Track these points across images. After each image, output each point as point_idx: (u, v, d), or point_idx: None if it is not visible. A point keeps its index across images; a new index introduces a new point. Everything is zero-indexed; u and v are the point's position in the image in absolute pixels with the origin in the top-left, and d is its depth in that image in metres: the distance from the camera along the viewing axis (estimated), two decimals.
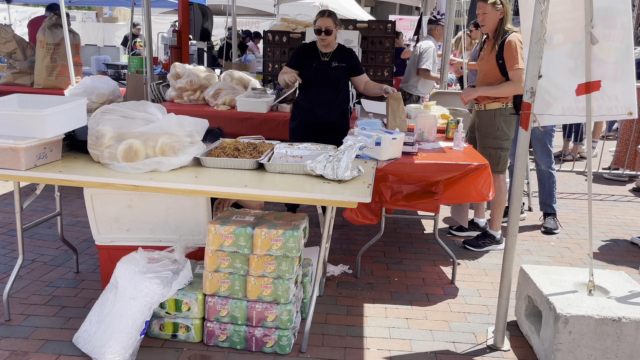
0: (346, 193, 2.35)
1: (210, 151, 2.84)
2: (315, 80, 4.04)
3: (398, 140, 3.08)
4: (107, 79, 5.71)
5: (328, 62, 4.04)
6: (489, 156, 3.78)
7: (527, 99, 2.40)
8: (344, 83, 4.14)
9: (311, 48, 4.09)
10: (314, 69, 4.02)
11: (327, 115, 4.10)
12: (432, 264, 3.76)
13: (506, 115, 3.69)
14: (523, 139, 2.46)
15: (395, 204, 3.34)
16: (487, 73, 3.74)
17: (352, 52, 4.15)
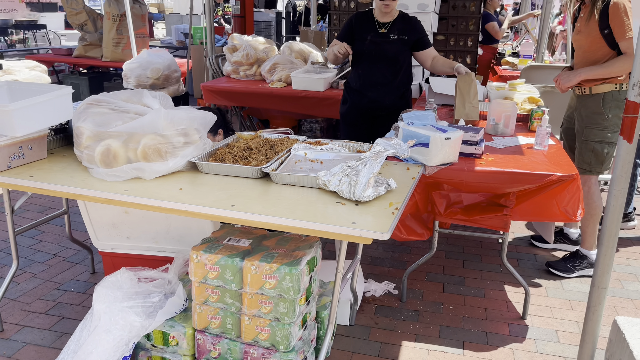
0: (360, 222, 1.75)
1: (215, 151, 2.35)
2: (369, 55, 3.39)
3: (454, 140, 2.38)
4: (164, 52, 5.43)
5: (386, 35, 3.36)
6: (592, 152, 2.93)
7: (634, 97, 1.61)
8: (404, 60, 3.43)
9: (366, 17, 3.42)
10: (368, 42, 3.36)
11: (383, 98, 3.44)
12: (501, 288, 3.04)
13: (620, 100, 2.80)
14: (624, 155, 1.68)
15: (451, 217, 2.65)
16: (588, 49, 2.85)
17: (416, 21, 3.42)
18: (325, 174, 2.00)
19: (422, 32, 3.42)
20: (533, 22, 7.86)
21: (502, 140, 2.87)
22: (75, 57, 6.75)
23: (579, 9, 2.98)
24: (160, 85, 5.22)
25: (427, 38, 3.44)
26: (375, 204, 1.92)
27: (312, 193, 2.01)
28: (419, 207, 2.69)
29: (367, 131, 3.60)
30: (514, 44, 8.04)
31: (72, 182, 2.06)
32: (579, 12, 2.98)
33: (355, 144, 2.53)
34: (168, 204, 1.89)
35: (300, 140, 2.59)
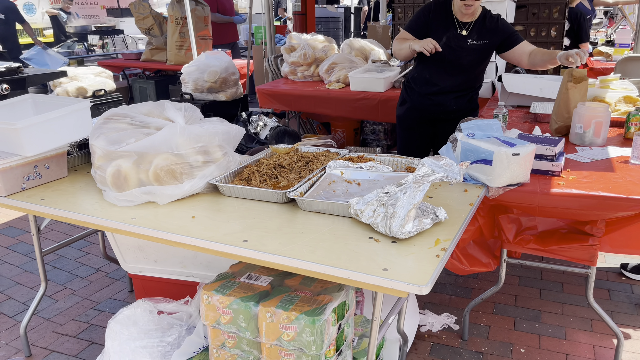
0: (394, 268, 1.40)
1: (243, 169, 2.09)
2: (442, 60, 2.91)
3: (523, 157, 1.94)
4: (222, 54, 5.27)
5: (464, 38, 2.87)
6: None
7: None
8: (481, 67, 2.99)
9: (445, 11, 2.91)
10: (443, 45, 2.85)
11: (449, 103, 3.02)
12: (587, 327, 2.53)
13: None
14: None
15: (522, 246, 2.21)
16: None
17: (500, 20, 2.92)
18: (358, 202, 1.66)
19: (507, 30, 2.89)
20: (631, 7, 6.94)
21: (589, 151, 2.37)
22: (142, 61, 6.82)
23: None
24: (218, 89, 5.07)
25: (515, 35, 2.89)
26: (418, 242, 1.55)
27: (343, 224, 1.68)
28: (484, 232, 2.27)
29: (427, 136, 3.19)
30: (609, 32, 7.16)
31: (80, 207, 1.87)
32: None
33: (405, 159, 2.17)
34: (174, 237, 1.64)
35: (340, 154, 2.26)
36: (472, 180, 2.04)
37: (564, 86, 2.51)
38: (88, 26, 10.23)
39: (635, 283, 2.89)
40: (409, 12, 4.86)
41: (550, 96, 3.13)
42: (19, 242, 3.57)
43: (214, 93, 5.07)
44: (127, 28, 10.63)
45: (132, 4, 6.63)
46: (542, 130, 2.64)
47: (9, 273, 3.17)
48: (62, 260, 3.31)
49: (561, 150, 2.17)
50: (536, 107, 3.04)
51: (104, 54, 9.06)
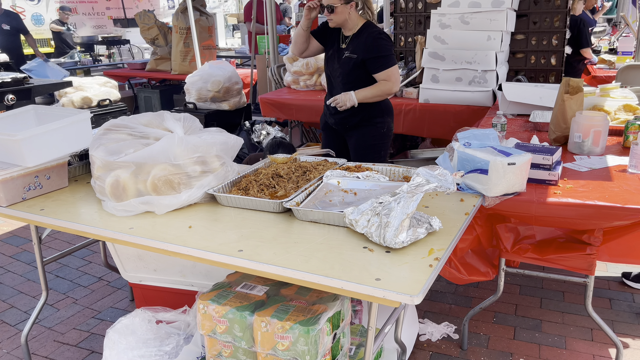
0: (387, 278, 1.41)
1: (241, 179, 2.10)
2: (329, 70, 3.10)
3: (519, 166, 1.95)
4: (226, 64, 5.32)
5: (343, 50, 2.97)
6: None
7: None
8: (360, 79, 2.96)
9: (325, 25, 3.05)
10: (329, 56, 3.06)
11: (340, 118, 3.08)
12: (587, 337, 2.52)
13: None
14: None
15: (520, 255, 2.21)
16: None
17: (378, 40, 2.87)
18: (353, 212, 1.67)
19: (374, 52, 2.86)
20: (634, 14, 6.94)
21: (587, 160, 2.37)
22: (147, 71, 6.89)
23: None
24: (221, 98, 5.11)
25: (380, 60, 2.86)
26: (411, 252, 1.56)
27: (338, 234, 1.69)
28: (482, 241, 2.27)
29: (339, 143, 3.22)
30: (612, 39, 7.16)
31: (79, 217, 1.89)
32: None
33: (402, 168, 2.18)
34: (171, 247, 1.65)
35: (338, 164, 2.28)
36: (468, 190, 2.04)
37: (561, 97, 2.52)
38: (95, 36, 10.35)
39: (636, 292, 2.88)
40: (410, 21, 4.89)
41: (550, 105, 3.13)
42: (23, 251, 3.60)
43: (218, 102, 5.12)
44: (133, 38, 10.74)
45: (138, 15, 6.72)
46: (541, 139, 2.65)
47: (12, 282, 3.19)
48: (65, 269, 3.34)
49: (558, 160, 2.18)
50: (536, 116, 3.05)
51: (110, 64, 9.15)
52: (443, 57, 3.93)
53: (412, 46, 4.91)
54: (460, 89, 3.89)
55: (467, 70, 3.87)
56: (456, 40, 3.93)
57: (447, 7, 4.05)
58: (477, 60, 3.82)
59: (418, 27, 4.86)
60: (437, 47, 3.99)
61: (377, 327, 1.87)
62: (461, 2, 4.00)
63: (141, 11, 6.75)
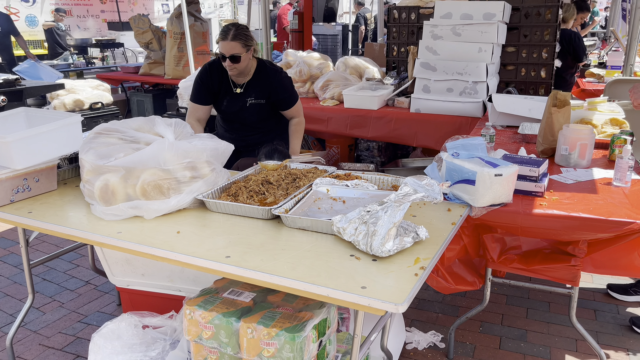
0: (372, 286, 1.42)
1: (231, 185, 2.11)
2: (230, 121, 3.03)
3: (506, 177, 1.97)
4: None
5: (242, 97, 2.93)
6: None
7: None
8: (272, 120, 3.05)
9: (219, 71, 2.92)
10: (225, 107, 2.97)
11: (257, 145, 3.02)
12: (572, 347, 2.55)
13: None
14: None
15: (506, 265, 2.23)
16: None
17: (278, 77, 2.95)
18: (341, 220, 1.69)
19: (283, 92, 2.96)
20: (624, 29, 7.04)
21: (573, 173, 2.40)
22: (141, 75, 6.89)
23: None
24: None
25: (288, 99, 2.99)
26: (398, 260, 1.57)
27: (326, 241, 1.71)
28: (469, 251, 2.29)
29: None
30: (602, 53, 7.25)
31: (67, 220, 1.89)
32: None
33: (391, 177, 2.20)
34: (158, 252, 1.66)
35: (328, 171, 2.30)
36: (456, 200, 2.06)
37: (549, 110, 2.56)
38: (88, 39, 10.31)
39: (621, 304, 2.91)
40: (403, 31, 4.93)
41: (539, 117, 3.17)
42: (10, 254, 3.58)
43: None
44: (127, 41, 10.72)
45: (132, 19, 6.72)
46: (529, 151, 2.68)
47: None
48: (52, 273, 3.32)
49: (544, 172, 2.21)
50: (525, 128, 3.08)
51: (104, 67, 9.13)
52: (435, 68, 3.97)
53: (404, 56, 4.95)
54: (451, 99, 3.93)
55: (458, 81, 3.91)
56: (448, 51, 3.98)
57: (440, 18, 4.10)
58: (468, 71, 3.86)
59: (411, 37, 4.91)
60: (429, 58, 4.03)
61: (364, 335, 1.89)
62: (453, 14, 4.05)
63: (136, 15, 6.75)
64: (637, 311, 2.83)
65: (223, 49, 2.78)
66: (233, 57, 2.76)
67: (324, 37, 9.25)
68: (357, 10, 11.68)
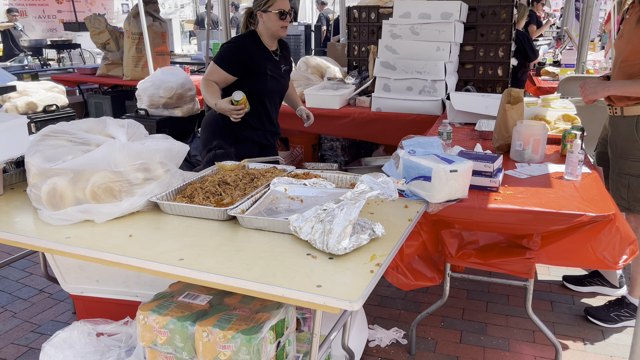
0: (328, 284, 1.41)
1: (187, 186, 2.07)
2: (271, 92, 2.95)
3: (461, 173, 2.00)
4: (179, 70, 5.25)
5: (279, 65, 2.95)
6: (627, 188, 2.48)
7: None
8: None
9: (258, 42, 2.83)
10: (269, 77, 2.87)
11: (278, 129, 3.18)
12: (530, 339, 2.60)
13: None
14: None
15: (464, 260, 2.26)
16: (627, 58, 2.40)
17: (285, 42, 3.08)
18: (297, 219, 1.67)
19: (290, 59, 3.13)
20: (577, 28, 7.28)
21: (527, 168, 2.46)
22: (98, 76, 6.71)
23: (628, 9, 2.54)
24: (174, 105, 5.03)
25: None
26: (354, 258, 1.57)
27: (283, 241, 1.69)
28: (428, 247, 2.31)
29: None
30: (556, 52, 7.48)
31: (12, 226, 1.81)
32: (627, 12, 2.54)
33: (349, 175, 2.20)
34: (108, 256, 1.60)
35: (287, 171, 2.28)
36: (413, 196, 2.08)
37: (503, 107, 2.61)
38: (43, 40, 9.98)
39: (576, 295, 2.99)
40: (363, 31, 4.96)
41: (495, 114, 3.22)
42: None
43: (170, 109, 5.03)
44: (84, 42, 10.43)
45: (88, 19, 6.53)
46: (485, 148, 2.73)
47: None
48: (4, 282, 3.19)
49: (499, 167, 2.25)
50: (482, 125, 3.13)
51: (60, 69, 8.85)
52: (394, 67, 4.00)
53: (365, 55, 4.98)
54: (411, 98, 3.97)
55: (418, 79, 3.96)
56: (407, 50, 4.02)
57: (399, 17, 4.14)
58: (427, 70, 3.91)
59: (371, 37, 4.93)
60: (388, 57, 4.06)
61: (324, 334, 1.88)
62: (412, 13, 4.10)
63: (91, 15, 6.56)
64: (591, 301, 2.91)
65: (283, 5, 2.71)
66: (290, 13, 2.74)
67: (287, 37, 9.25)
68: (320, 10, 11.70)
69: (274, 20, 2.75)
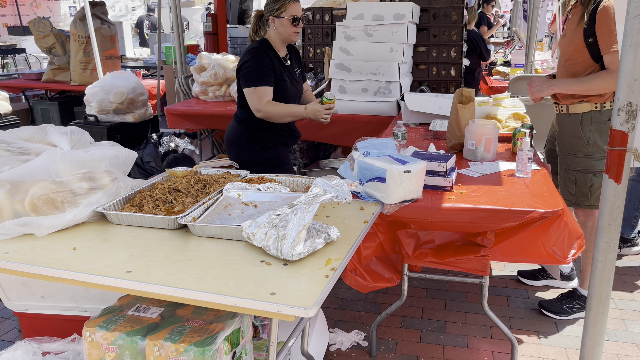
0: (282, 292, 1.38)
1: (135, 194, 1.99)
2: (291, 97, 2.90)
3: (415, 173, 2.00)
4: (129, 74, 5.09)
5: (291, 70, 2.92)
6: (574, 184, 2.55)
7: (619, 125, 1.23)
8: None
9: (272, 50, 2.79)
10: (289, 84, 2.86)
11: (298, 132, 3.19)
12: (487, 334, 2.64)
13: (602, 122, 2.41)
14: (611, 199, 1.30)
15: (421, 260, 2.27)
16: (570, 57, 2.47)
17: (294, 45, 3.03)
18: (250, 225, 1.63)
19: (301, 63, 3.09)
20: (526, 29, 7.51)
21: (480, 166, 2.49)
22: (44, 82, 6.44)
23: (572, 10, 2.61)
24: (125, 110, 4.88)
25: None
26: (309, 263, 1.54)
27: (237, 248, 1.64)
28: (385, 248, 2.31)
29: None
30: (507, 52, 7.69)
31: None
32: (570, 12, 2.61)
33: (305, 179, 2.17)
34: (50, 272, 1.52)
35: (241, 176, 2.23)
36: (368, 198, 2.07)
37: (455, 107, 2.64)
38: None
39: (530, 289, 3.06)
40: (318, 33, 4.95)
41: (448, 114, 3.28)
42: None
43: (121, 114, 4.88)
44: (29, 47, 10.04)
45: (32, 22, 6.26)
46: (439, 147, 2.76)
47: None
48: None
49: (452, 166, 2.27)
50: (435, 125, 3.17)
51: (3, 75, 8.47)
52: (349, 69, 4.01)
53: (320, 57, 4.97)
54: (366, 99, 3.98)
55: (372, 81, 3.97)
56: (361, 51, 4.03)
57: (352, 19, 4.15)
58: (382, 71, 3.93)
59: (326, 38, 4.93)
60: (343, 59, 4.06)
61: (282, 340, 1.85)
62: (365, 15, 4.11)
63: (35, 18, 6.30)
64: (545, 295, 2.99)
65: (297, 9, 2.69)
66: (302, 19, 2.73)
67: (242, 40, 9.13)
68: None
69: (286, 25, 2.70)
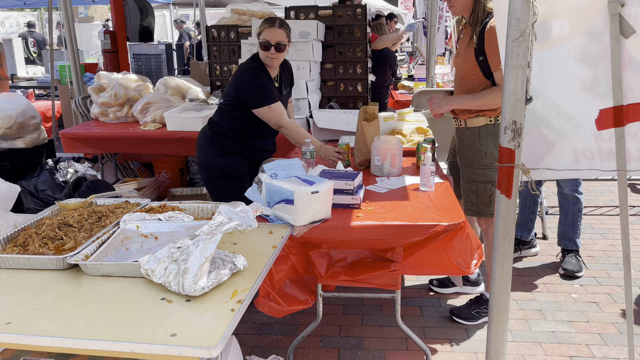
0: (185, 331, 1.29)
1: (20, 232, 1.80)
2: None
3: (322, 194, 1.99)
4: (18, 96, 4.70)
5: (280, 90, 2.97)
6: (475, 194, 2.67)
7: (507, 143, 1.29)
8: None
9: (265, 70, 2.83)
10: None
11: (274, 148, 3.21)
12: (403, 347, 2.67)
13: (497, 134, 2.55)
14: (504, 213, 1.35)
15: (334, 279, 2.25)
16: (464, 74, 2.60)
17: (288, 64, 3.13)
18: (149, 260, 1.52)
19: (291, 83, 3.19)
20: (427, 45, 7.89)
21: (387, 182, 2.54)
22: None
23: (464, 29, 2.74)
24: (15, 135, 4.48)
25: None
26: (214, 297, 1.46)
27: (135, 286, 1.53)
28: (298, 269, 2.27)
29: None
30: (410, 67, 8.03)
31: None
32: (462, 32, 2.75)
33: (210, 204, 2.08)
34: None
35: (141, 204, 2.10)
36: (278, 221, 2.03)
37: (360, 124, 2.68)
38: None
39: (442, 297, 3.15)
40: (224, 50, 4.86)
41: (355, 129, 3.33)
42: None
43: (10, 140, 4.47)
44: None
45: None
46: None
47: None
48: None
49: (360, 183, 2.29)
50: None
51: None
52: None
53: (227, 75, 4.89)
54: None
55: None
56: None
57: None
58: None
59: (232, 56, 4.86)
60: None
61: None
62: None
63: None
64: (456, 302, 3.09)
65: (270, 36, 2.71)
66: (279, 46, 2.71)
67: (147, 57, 8.81)
68: (180, 28, 11.36)
69: (261, 49, 2.78)
